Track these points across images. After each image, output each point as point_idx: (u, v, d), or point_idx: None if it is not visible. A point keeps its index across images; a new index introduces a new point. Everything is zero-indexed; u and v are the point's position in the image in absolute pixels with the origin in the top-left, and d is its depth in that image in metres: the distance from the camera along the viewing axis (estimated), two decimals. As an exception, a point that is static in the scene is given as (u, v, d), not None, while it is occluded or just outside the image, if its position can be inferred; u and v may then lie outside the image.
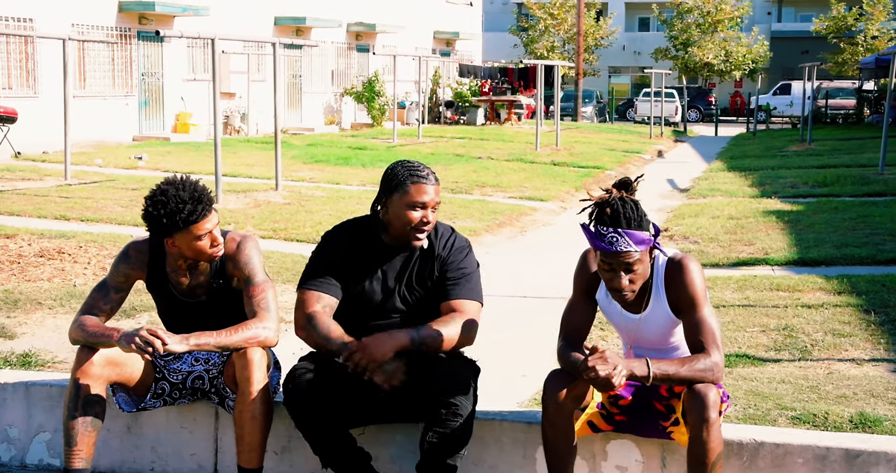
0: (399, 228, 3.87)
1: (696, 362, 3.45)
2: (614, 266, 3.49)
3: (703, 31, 48.77)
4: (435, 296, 3.95)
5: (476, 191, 15.12)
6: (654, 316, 3.67)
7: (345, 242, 4.00)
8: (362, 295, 3.95)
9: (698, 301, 3.55)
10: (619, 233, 3.44)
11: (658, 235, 3.55)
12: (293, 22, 29.60)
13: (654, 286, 3.65)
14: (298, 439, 3.96)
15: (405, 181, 3.84)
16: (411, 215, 3.83)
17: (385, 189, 3.91)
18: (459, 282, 3.93)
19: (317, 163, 18.72)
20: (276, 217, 11.81)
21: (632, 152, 24.75)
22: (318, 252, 4.04)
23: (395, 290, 3.95)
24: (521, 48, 51.00)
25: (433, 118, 35.40)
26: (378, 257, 3.97)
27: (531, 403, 5.44)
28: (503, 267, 9.74)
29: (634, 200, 3.51)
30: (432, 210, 3.86)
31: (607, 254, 3.48)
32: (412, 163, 3.93)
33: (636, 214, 3.47)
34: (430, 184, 3.86)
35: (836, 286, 7.93)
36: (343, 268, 3.95)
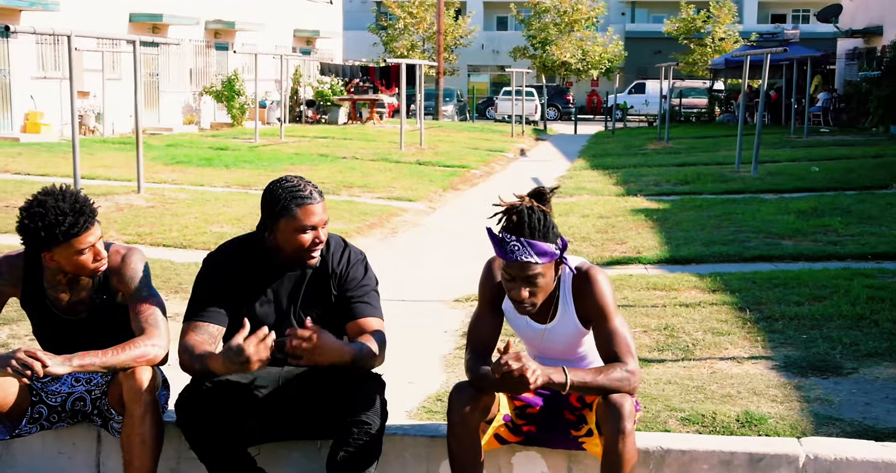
0: (291, 252, 3.68)
1: (613, 371, 3.39)
2: (514, 276, 3.39)
3: (560, 31, 49.52)
4: (333, 314, 3.78)
5: (344, 192, 14.95)
6: (561, 326, 3.61)
7: (229, 265, 3.77)
8: (255, 316, 3.74)
9: (609, 311, 3.50)
10: (521, 243, 3.33)
11: (565, 249, 3.45)
12: (149, 19, 28.81)
13: (562, 296, 3.58)
14: (189, 459, 3.76)
15: (289, 205, 3.61)
16: (302, 239, 3.64)
17: (269, 214, 3.66)
18: (364, 300, 3.78)
19: (178, 164, 18.23)
20: (141, 221, 11.42)
21: (495, 151, 24.92)
22: (200, 279, 3.80)
23: (289, 311, 3.78)
24: (381, 47, 50.91)
25: (294, 117, 34.99)
26: (267, 278, 3.77)
27: (421, 410, 5.36)
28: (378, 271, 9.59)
29: (544, 211, 3.40)
30: (322, 227, 3.69)
31: (509, 264, 3.38)
32: (292, 183, 3.67)
33: (542, 225, 3.36)
34: (316, 202, 3.65)
35: (710, 284, 8.08)
36: (230, 292, 3.73)
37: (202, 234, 10.59)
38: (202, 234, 10.59)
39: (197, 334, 3.65)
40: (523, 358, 3.25)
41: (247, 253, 3.79)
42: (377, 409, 3.59)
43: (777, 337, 6.49)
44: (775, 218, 11.79)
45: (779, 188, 15.18)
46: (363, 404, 3.55)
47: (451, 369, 6.21)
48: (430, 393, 5.57)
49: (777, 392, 5.43)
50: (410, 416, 5.26)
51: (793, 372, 5.77)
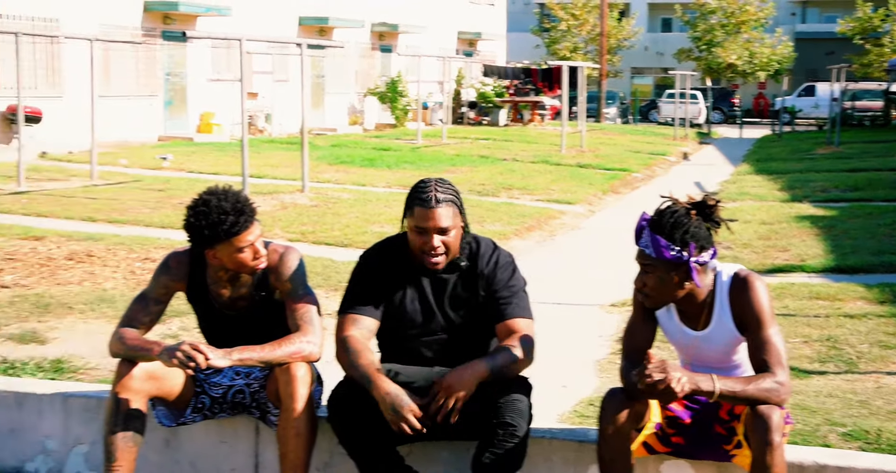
0: (413, 250, 3.79)
1: (762, 381, 3.34)
2: (637, 261, 3.49)
3: (727, 32, 48.45)
4: (482, 315, 3.83)
5: (503, 194, 15.00)
6: (716, 333, 3.56)
7: (382, 262, 3.89)
8: (404, 315, 3.84)
9: (764, 319, 3.44)
10: (647, 231, 3.44)
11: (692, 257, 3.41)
12: (317, 22, 29.56)
13: (717, 303, 3.54)
14: (341, 455, 3.85)
15: (411, 204, 3.73)
16: (417, 240, 3.74)
17: (404, 209, 3.81)
18: (512, 301, 3.82)
19: (342, 164, 18.64)
20: (304, 219, 11.73)
21: (657, 154, 24.58)
22: (355, 272, 3.94)
23: (437, 310, 3.84)
24: (543, 49, 50.83)
25: (456, 119, 35.29)
26: (417, 276, 3.86)
27: (572, 415, 5.33)
28: (535, 273, 9.58)
29: (690, 218, 3.42)
30: (438, 234, 3.71)
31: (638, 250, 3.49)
32: (423, 185, 3.76)
33: (671, 226, 3.40)
34: (431, 208, 3.69)
35: (878, 295, 7.78)
36: (382, 288, 3.84)
37: (362, 234, 10.80)
38: (362, 234, 10.80)
39: (355, 328, 3.76)
40: (668, 368, 3.24)
41: (397, 251, 3.89)
42: (523, 412, 3.60)
43: (950, 352, 6.20)
44: (952, 227, 11.27)
45: (958, 196, 14.49)
46: (509, 407, 3.57)
47: (604, 374, 6.17)
48: (582, 397, 5.54)
49: (948, 409, 5.18)
50: (562, 420, 5.25)
51: (966, 390, 5.50)
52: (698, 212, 3.45)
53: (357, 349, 3.67)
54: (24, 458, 4.47)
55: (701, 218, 3.45)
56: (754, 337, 3.44)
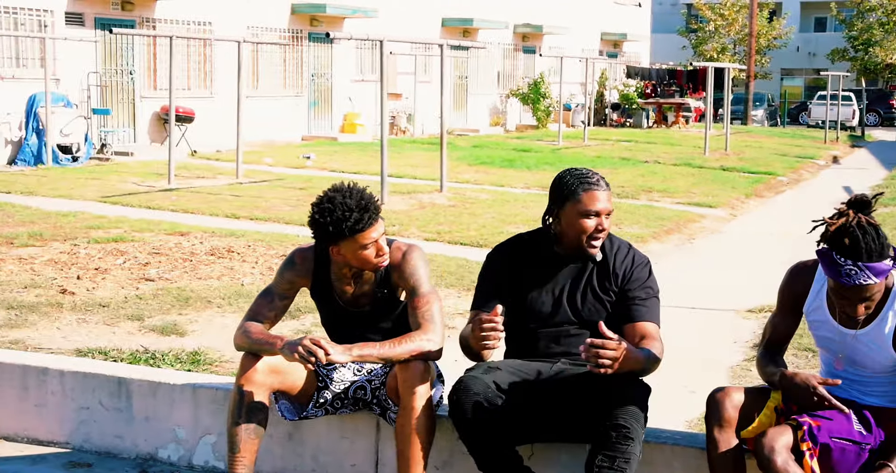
0: (573, 238, 3.77)
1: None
2: (850, 297, 3.29)
3: (887, 31, 46.70)
4: (611, 311, 3.82)
5: (642, 196, 14.80)
6: (875, 333, 3.44)
7: (509, 256, 3.91)
8: (532, 305, 3.85)
9: None
10: (858, 267, 3.21)
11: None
12: (460, 23, 29.73)
13: (888, 307, 3.41)
14: (460, 453, 3.85)
15: (576, 189, 3.73)
16: (585, 224, 3.73)
17: (556, 199, 3.80)
18: (647, 304, 3.80)
19: (481, 164, 18.70)
20: (440, 219, 11.80)
21: (805, 158, 23.87)
22: (484, 270, 3.98)
23: (566, 301, 3.84)
24: (689, 50, 49.99)
25: (599, 120, 35.00)
26: (547, 269, 3.87)
27: (701, 421, 5.21)
28: (671, 277, 9.44)
29: (875, 225, 3.26)
30: (606, 217, 3.74)
31: (844, 287, 3.28)
32: (581, 171, 3.82)
33: (877, 243, 3.22)
34: (602, 190, 3.75)
35: None
36: (510, 283, 3.86)
37: (498, 234, 10.78)
38: (498, 234, 10.78)
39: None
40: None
41: (529, 245, 3.92)
42: (638, 414, 3.55)
43: None
44: None
45: None
46: (624, 408, 3.52)
47: (737, 380, 6.02)
48: (711, 404, 5.40)
49: None
50: (690, 426, 5.15)
51: None
52: (860, 212, 3.29)
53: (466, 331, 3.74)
54: (157, 445, 4.62)
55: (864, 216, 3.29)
56: None
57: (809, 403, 3.38)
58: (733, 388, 3.60)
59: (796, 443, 3.37)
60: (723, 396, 3.53)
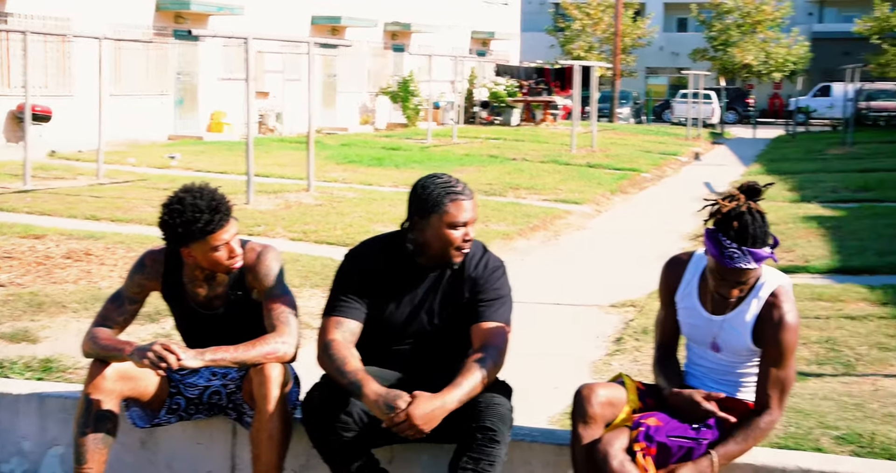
0: (438, 249, 3.64)
1: (755, 429, 3.45)
2: (728, 278, 3.40)
3: (743, 32, 48.25)
4: (462, 318, 3.72)
5: (510, 194, 14.93)
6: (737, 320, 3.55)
7: (369, 262, 3.77)
8: (386, 317, 3.74)
9: (787, 354, 3.46)
10: (742, 252, 3.32)
11: (776, 246, 3.41)
12: (329, 21, 29.55)
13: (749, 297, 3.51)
14: (318, 457, 3.79)
15: (442, 200, 3.58)
16: (452, 236, 3.60)
17: (418, 209, 3.63)
18: (493, 305, 3.69)
19: (350, 163, 18.61)
20: (307, 219, 11.68)
21: (668, 154, 24.46)
22: (341, 273, 3.81)
23: (420, 312, 3.74)
24: (557, 48, 50.71)
25: (468, 118, 35.22)
26: (406, 278, 3.75)
27: (563, 417, 5.27)
28: (537, 273, 9.57)
29: (762, 213, 3.37)
30: (472, 226, 3.65)
31: (724, 268, 3.38)
32: (444, 179, 3.65)
33: (762, 230, 3.34)
34: (469, 199, 3.62)
35: (881, 296, 7.69)
36: (368, 289, 3.73)
37: (365, 233, 10.73)
38: (365, 233, 10.73)
39: (339, 333, 3.65)
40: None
41: (388, 250, 3.77)
42: (504, 417, 3.52)
43: (950, 355, 6.11)
44: (962, 228, 11.15)
45: (969, 196, 14.36)
46: (490, 410, 3.49)
47: (598, 375, 6.10)
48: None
49: (945, 413, 5.10)
50: (552, 422, 5.19)
51: (964, 393, 5.41)
52: (750, 198, 3.39)
53: (342, 355, 3.56)
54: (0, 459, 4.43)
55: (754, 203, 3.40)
56: (768, 365, 3.47)
57: (698, 417, 3.49)
58: (599, 384, 3.63)
59: (632, 443, 3.45)
60: (588, 392, 3.56)
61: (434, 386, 3.50)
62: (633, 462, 3.42)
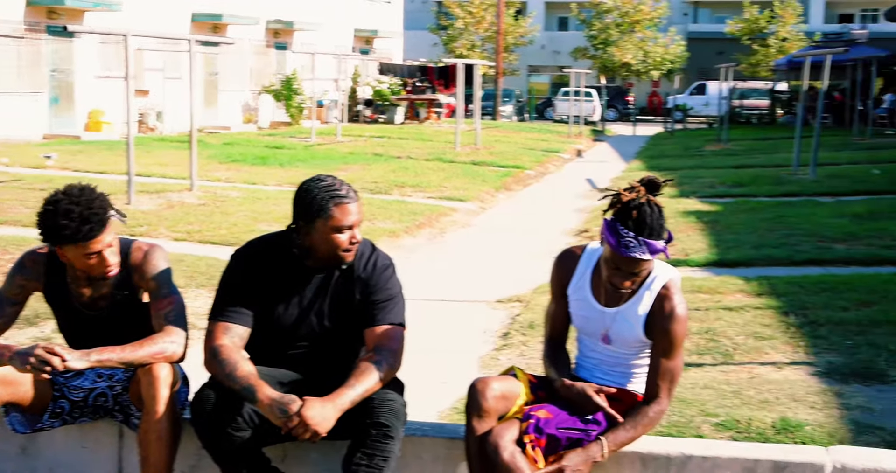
0: (326, 252, 3.61)
1: (644, 417, 3.51)
2: (622, 268, 3.45)
3: (622, 32, 49.18)
4: (354, 319, 3.71)
5: (395, 192, 14.95)
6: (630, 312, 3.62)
7: (256, 263, 3.71)
8: (276, 319, 3.70)
9: (676, 346, 3.54)
10: (638, 242, 3.38)
11: (670, 241, 3.49)
12: (210, 18, 29.13)
13: (641, 290, 3.59)
14: (208, 458, 3.74)
15: (327, 205, 3.54)
16: (339, 239, 3.58)
17: (303, 214, 3.59)
18: (386, 306, 3.68)
19: (233, 162, 18.38)
20: (191, 218, 11.52)
21: (551, 152, 24.80)
22: (227, 275, 3.74)
23: (310, 314, 3.71)
24: (440, 47, 50.92)
25: (352, 117, 35.14)
26: (294, 279, 3.71)
27: (452, 412, 5.32)
28: (423, 271, 9.61)
29: (659, 206, 3.44)
30: (358, 228, 3.63)
31: (619, 257, 3.43)
32: (327, 182, 3.60)
33: (658, 224, 3.40)
34: (354, 201, 3.59)
35: (757, 288, 7.94)
36: (255, 291, 3.68)
37: (249, 232, 10.63)
38: (249, 232, 10.63)
39: (227, 338, 3.60)
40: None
41: (275, 251, 3.72)
42: (398, 412, 3.53)
43: (820, 343, 6.35)
44: (829, 221, 11.58)
45: (836, 191, 14.90)
46: (384, 406, 3.49)
47: (486, 370, 6.17)
48: (461, 394, 5.49)
49: (816, 398, 5.31)
50: (441, 417, 5.23)
51: (834, 379, 5.64)
52: (650, 192, 3.46)
53: (232, 360, 3.51)
54: None
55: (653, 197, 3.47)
56: (658, 357, 3.54)
57: (588, 410, 3.56)
58: (493, 378, 3.67)
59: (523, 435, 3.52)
60: (483, 386, 3.60)
61: (328, 388, 3.48)
62: (523, 453, 3.47)
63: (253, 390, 3.43)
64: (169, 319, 3.71)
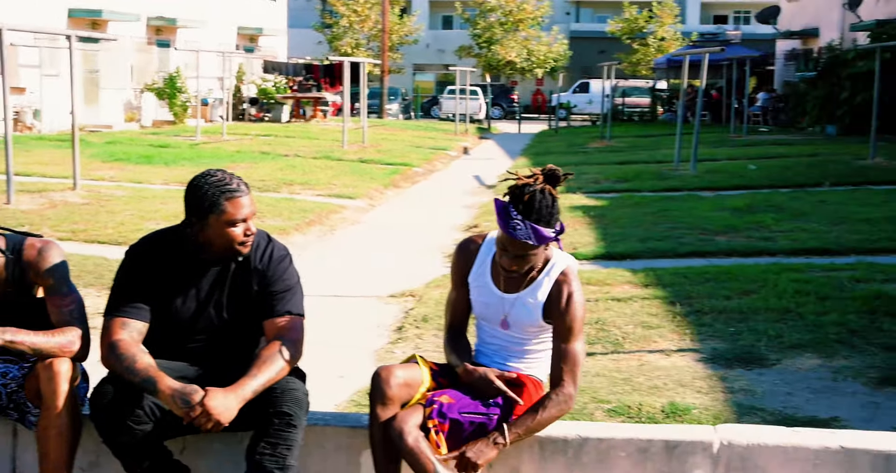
0: (221, 246, 3.64)
1: (550, 402, 3.58)
2: (509, 249, 3.54)
3: (506, 30, 49.73)
4: (253, 311, 3.74)
5: (284, 190, 14.89)
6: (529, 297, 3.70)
7: (152, 258, 3.72)
8: (174, 313, 3.71)
9: (575, 330, 3.63)
10: (525, 226, 3.47)
11: (562, 232, 3.58)
12: (88, 14, 28.43)
13: (543, 276, 3.68)
14: (109, 453, 3.72)
15: (218, 200, 3.57)
16: (233, 233, 3.61)
17: (195, 210, 3.61)
18: (284, 296, 3.72)
19: (117, 161, 18.04)
20: (75, 218, 11.30)
21: (438, 149, 24.96)
22: (122, 271, 3.73)
23: (208, 307, 3.73)
24: (325, 45, 50.72)
25: (237, 115, 34.77)
26: (189, 273, 3.72)
27: (349, 404, 5.37)
28: (315, 268, 9.60)
29: (553, 196, 3.53)
30: (251, 220, 3.66)
31: (508, 238, 3.52)
32: (217, 177, 3.63)
33: (548, 212, 3.49)
34: (245, 194, 3.62)
35: (643, 279, 8.17)
36: (152, 286, 3.68)
37: (137, 231, 10.47)
38: (137, 231, 10.47)
39: (125, 333, 3.59)
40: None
41: (170, 246, 3.73)
42: (300, 401, 3.57)
43: (705, 330, 6.58)
44: (710, 214, 11.95)
45: (716, 186, 15.38)
46: (286, 396, 3.53)
47: (383, 363, 6.18)
48: (359, 387, 5.57)
49: (702, 383, 5.51)
50: (339, 409, 5.27)
51: (719, 364, 5.86)
52: (548, 182, 3.55)
53: (130, 353, 3.51)
54: None
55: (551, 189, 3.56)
56: (560, 343, 3.63)
57: (489, 394, 3.65)
58: (397, 366, 3.73)
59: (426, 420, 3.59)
60: (387, 374, 3.65)
61: (230, 379, 3.51)
62: (427, 438, 3.54)
63: (154, 381, 3.43)
64: (74, 316, 3.70)
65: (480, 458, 3.51)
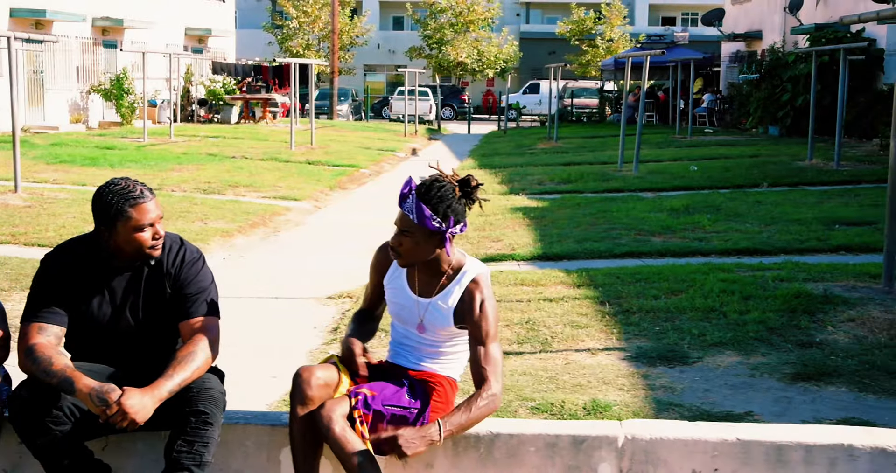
0: (133, 251, 3.78)
1: (478, 400, 3.68)
2: (396, 222, 3.75)
3: (456, 31, 49.93)
4: (168, 313, 3.87)
5: (229, 192, 14.92)
6: (438, 306, 3.85)
7: (67, 264, 3.83)
8: (91, 317, 3.83)
9: (491, 334, 3.78)
10: (412, 199, 3.68)
11: (454, 226, 3.73)
12: (32, 14, 28.15)
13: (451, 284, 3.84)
14: (30, 455, 3.79)
15: (123, 207, 3.71)
16: (142, 238, 3.75)
17: (103, 219, 3.75)
18: (198, 298, 3.86)
19: (62, 163, 17.93)
20: (16, 220, 11.27)
21: (387, 150, 25.05)
22: (38, 278, 3.86)
23: (124, 311, 3.85)
24: (275, 46, 50.60)
25: (186, 117, 34.60)
26: (104, 277, 3.85)
27: (280, 404, 5.46)
28: (256, 269, 9.68)
29: (455, 193, 3.71)
30: (159, 223, 3.80)
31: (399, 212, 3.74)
32: (120, 185, 3.76)
33: (439, 198, 3.67)
34: (149, 200, 3.76)
35: (576, 279, 8.33)
36: (68, 291, 3.80)
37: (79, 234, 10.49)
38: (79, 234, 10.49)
39: (42, 337, 3.69)
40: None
41: (85, 252, 3.85)
42: (217, 400, 3.68)
43: (632, 329, 6.75)
44: (648, 215, 12.15)
45: (657, 187, 15.60)
46: (202, 394, 3.64)
47: (315, 363, 6.31)
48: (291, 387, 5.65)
49: (625, 381, 5.68)
50: (270, 409, 5.36)
51: (642, 362, 6.03)
52: (461, 189, 3.74)
53: (47, 356, 3.61)
54: None
55: (462, 194, 3.74)
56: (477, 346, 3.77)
57: (353, 368, 3.84)
58: (317, 367, 3.84)
59: (353, 411, 3.70)
60: (308, 375, 3.77)
61: (148, 380, 3.61)
62: (352, 428, 3.67)
63: (71, 381, 3.53)
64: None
65: (411, 449, 3.57)
